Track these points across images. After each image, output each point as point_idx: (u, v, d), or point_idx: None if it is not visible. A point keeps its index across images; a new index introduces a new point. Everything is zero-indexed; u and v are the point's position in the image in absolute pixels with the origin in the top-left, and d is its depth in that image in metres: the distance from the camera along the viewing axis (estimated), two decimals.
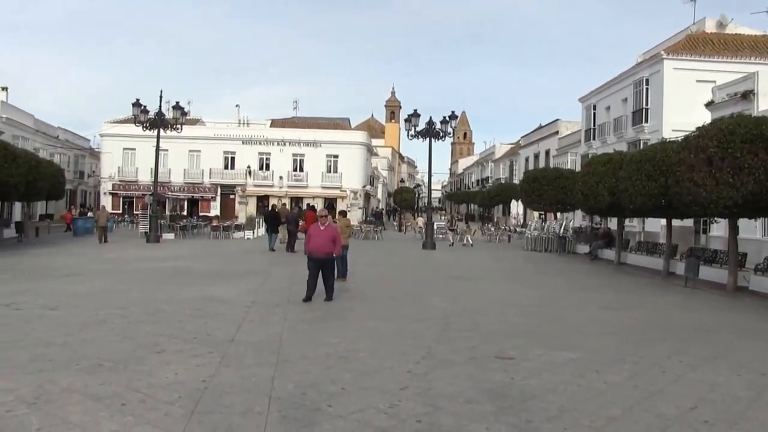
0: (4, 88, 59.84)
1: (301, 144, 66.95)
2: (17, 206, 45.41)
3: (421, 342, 10.59)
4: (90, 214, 46.67)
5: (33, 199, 40.50)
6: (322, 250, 14.68)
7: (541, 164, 59.98)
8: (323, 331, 11.53)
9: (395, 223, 68.32)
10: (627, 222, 32.83)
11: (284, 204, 49.43)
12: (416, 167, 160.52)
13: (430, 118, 36.25)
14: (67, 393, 7.42)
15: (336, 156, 67.27)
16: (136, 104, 36.18)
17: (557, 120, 60.58)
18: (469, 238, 41.81)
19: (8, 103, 55.80)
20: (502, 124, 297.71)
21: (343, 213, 24.05)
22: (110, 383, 7.82)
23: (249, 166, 66.36)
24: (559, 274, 24.38)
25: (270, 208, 39.35)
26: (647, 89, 39.68)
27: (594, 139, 48.27)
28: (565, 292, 18.69)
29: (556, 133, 59.17)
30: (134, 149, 64.54)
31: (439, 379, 8.34)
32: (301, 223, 30.81)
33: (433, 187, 35.49)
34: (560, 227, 36.96)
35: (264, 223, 37.23)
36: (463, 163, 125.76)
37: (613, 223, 33.02)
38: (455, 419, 6.81)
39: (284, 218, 32.26)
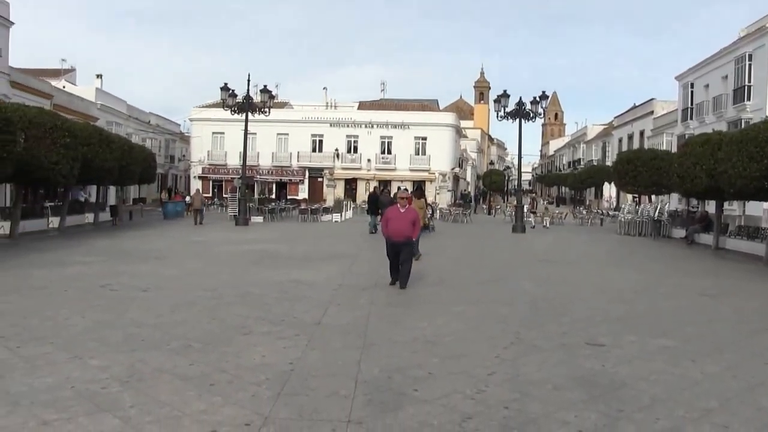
0: (99, 76, 62.03)
1: (389, 126, 66.85)
2: (111, 190, 46.92)
3: (510, 327, 10.36)
4: (187, 198, 47.89)
5: (126, 184, 41.76)
6: (401, 233, 14.09)
7: (635, 145, 58.28)
8: (410, 314, 11.41)
9: (484, 206, 67.67)
10: (726, 205, 31.48)
11: (384, 188, 49.23)
12: (506, 149, 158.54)
13: (520, 98, 35.60)
14: (157, 372, 7.54)
15: (424, 138, 66.91)
16: (225, 88, 36.74)
17: (652, 99, 58.72)
18: (547, 221, 41.00)
19: (103, 90, 57.75)
20: (595, 104, 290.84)
21: (419, 194, 23.69)
22: (199, 364, 7.91)
23: (337, 149, 66.77)
24: (654, 258, 23.59)
25: (372, 191, 39.44)
26: (750, 65, 37.91)
27: (691, 118, 46.59)
28: (660, 277, 18.01)
29: (651, 113, 57.37)
30: (223, 133, 65.74)
31: (528, 365, 8.12)
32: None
33: (523, 170, 34.87)
34: (655, 210, 35.76)
35: (366, 206, 37.35)
36: (554, 144, 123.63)
37: (710, 207, 31.70)
38: (543, 406, 6.61)
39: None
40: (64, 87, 51.42)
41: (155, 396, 6.70)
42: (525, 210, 42.80)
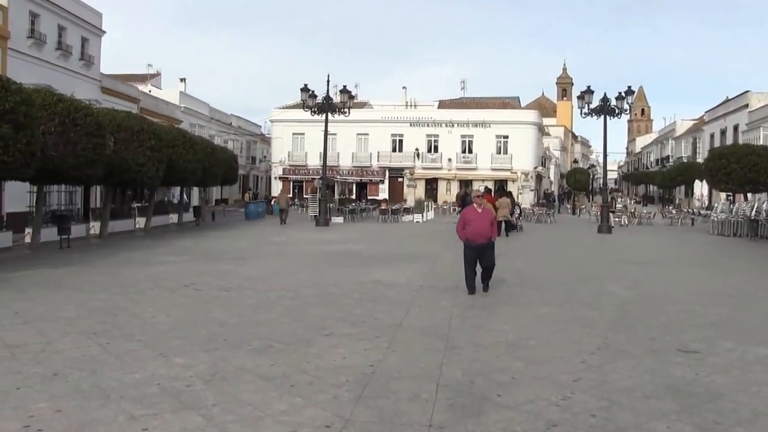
0: (183, 79, 63.69)
1: (470, 125, 66.31)
2: (195, 191, 48.03)
3: (596, 331, 10.03)
4: (274, 199, 48.89)
5: (209, 185, 42.69)
6: (483, 234, 13.47)
7: (729, 141, 56.16)
8: (493, 317, 11.19)
9: (568, 206, 66.46)
10: None
11: (477, 189, 48.89)
12: (590, 147, 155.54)
13: (605, 94, 34.76)
14: (239, 372, 7.58)
15: (506, 137, 66.11)
16: (305, 89, 37.05)
17: (747, 92, 56.36)
18: (625, 219, 39.95)
19: (186, 93, 59.24)
20: (684, 98, 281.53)
21: (502, 193, 23.42)
22: (280, 364, 7.92)
23: (417, 149, 66.65)
24: (751, 260, 22.62)
25: (461, 191, 39.23)
26: None
27: None
28: (758, 279, 17.22)
29: (746, 106, 55.10)
30: (303, 134, 66.37)
31: (616, 372, 7.82)
32: None
33: (608, 168, 34.03)
34: (751, 209, 34.24)
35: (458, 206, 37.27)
36: (641, 141, 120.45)
37: None
38: (633, 415, 6.32)
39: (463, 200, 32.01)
40: (150, 91, 52.94)
41: (237, 395, 6.74)
42: (617, 209, 41.84)
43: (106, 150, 24.60)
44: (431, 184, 66.76)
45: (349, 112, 38.29)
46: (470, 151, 66.38)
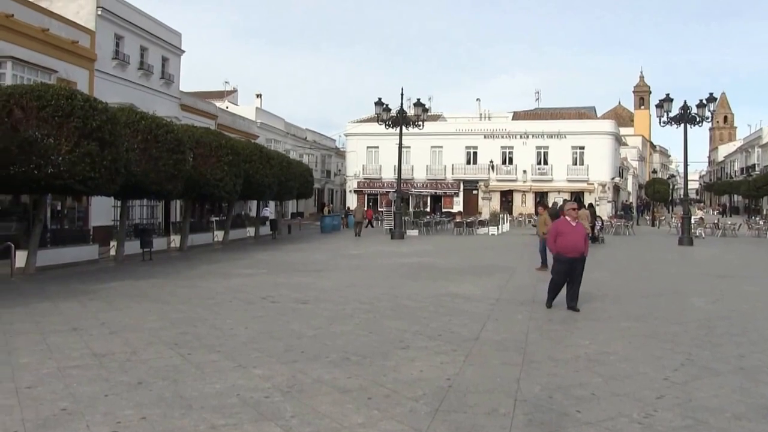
0: (259, 95, 64.91)
1: (545, 136, 65.55)
2: (271, 205, 48.80)
3: (680, 347, 9.75)
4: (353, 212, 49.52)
5: (285, 198, 43.31)
6: (578, 248, 12.97)
7: None
8: (572, 331, 11.02)
9: (647, 217, 64.97)
10: None
11: (565, 200, 48.23)
12: (669, 156, 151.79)
13: (685, 102, 33.88)
14: (317, 384, 7.65)
15: (582, 147, 65.10)
16: (379, 103, 37.27)
17: None
18: (702, 231, 38.81)
19: (262, 109, 60.33)
20: None
21: (545, 206, 23.13)
22: (357, 377, 7.96)
23: (491, 161, 66.26)
24: None
25: (552, 204, 38.86)
26: None
27: None
28: None
29: None
30: (377, 147, 66.77)
31: (701, 390, 7.56)
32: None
33: (689, 178, 33.15)
34: None
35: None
36: (724, 149, 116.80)
37: None
38: None
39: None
40: (227, 107, 54.17)
41: (315, 407, 6.79)
42: (693, 221, 40.68)
43: (186, 165, 25.26)
44: (506, 197, 66.23)
45: (423, 125, 38.34)
46: (545, 163, 65.62)
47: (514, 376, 7.99)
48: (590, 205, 33.69)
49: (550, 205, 35.62)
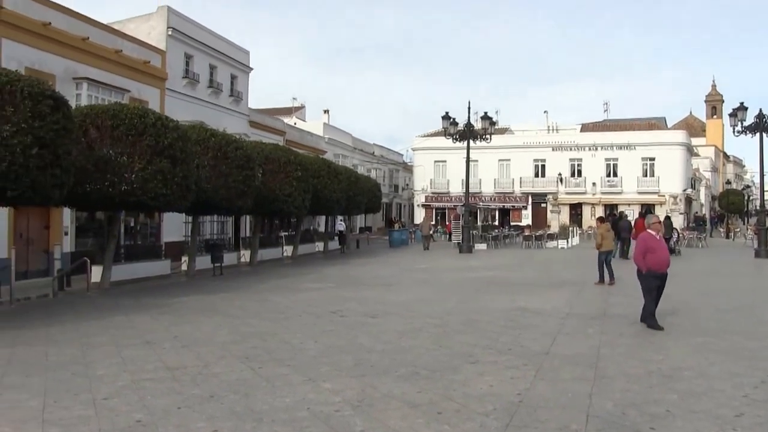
0: (326, 111, 65.65)
1: (614, 148, 64.44)
2: (337, 219, 49.07)
3: (759, 363, 9.40)
4: (439, 227, 49.97)
5: (353, 213, 43.58)
6: (668, 262, 12.64)
7: None
8: (644, 346, 10.76)
9: (721, 229, 63.23)
10: None
11: (624, 214, 47.32)
12: (744, 167, 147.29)
13: (760, 110, 32.91)
14: (386, 398, 7.64)
15: (652, 159, 63.77)
16: (446, 117, 37.25)
17: None
18: (755, 242, 37.63)
19: (330, 124, 60.91)
20: None
21: (602, 218, 22.71)
22: (427, 391, 7.92)
23: (560, 174, 65.46)
24: None
25: (618, 216, 38.25)
26: None
27: None
28: None
29: None
30: (445, 161, 66.70)
31: None
32: (632, 230, 29.77)
33: (766, 188, 32.14)
34: None
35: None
36: None
37: None
38: None
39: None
40: (295, 123, 54.88)
41: (385, 421, 6.79)
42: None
43: (255, 181, 25.65)
44: (575, 209, 65.29)
45: (490, 139, 38.16)
46: (615, 175, 64.47)
47: (586, 392, 7.84)
48: (667, 217, 32.94)
49: (607, 216, 34.90)
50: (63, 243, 24.24)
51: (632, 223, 32.36)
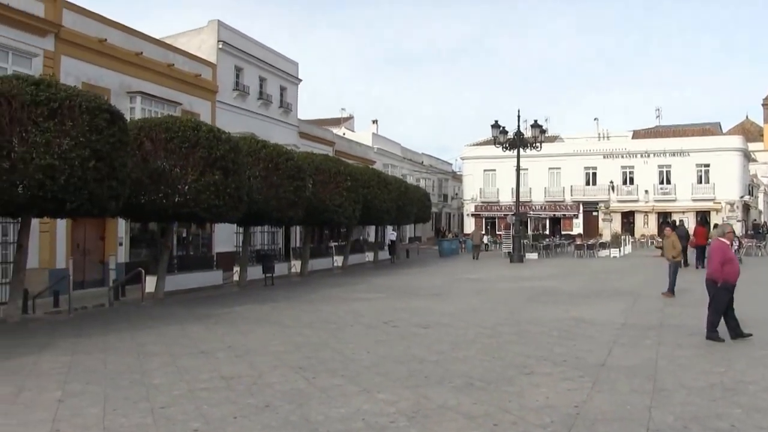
0: (375, 121, 65.81)
1: (667, 154, 63.37)
2: (389, 229, 49.12)
3: None
4: (484, 239, 49.95)
5: (403, 223, 43.58)
6: (739, 272, 12.31)
7: None
8: (704, 357, 10.52)
9: None
10: None
11: (681, 221, 46.54)
12: None
13: None
14: (442, 410, 7.58)
15: (707, 165, 62.50)
16: (495, 126, 37.07)
17: None
18: None
19: (378, 134, 61.04)
20: None
21: (669, 226, 22.24)
22: (482, 402, 7.84)
23: (611, 181, 64.59)
24: None
25: (678, 224, 37.66)
26: None
27: None
28: None
29: None
30: (494, 170, 66.33)
31: None
32: (691, 238, 29.30)
33: None
34: None
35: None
36: None
37: None
38: None
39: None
40: (344, 134, 55.13)
41: None
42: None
43: (306, 192, 25.80)
44: (627, 218, 64.31)
45: (540, 147, 37.86)
46: (668, 182, 63.35)
47: (645, 405, 7.68)
48: (729, 225, 32.17)
49: (663, 225, 34.31)
50: (117, 253, 24.70)
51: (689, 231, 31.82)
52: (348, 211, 29.41)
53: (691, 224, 49.71)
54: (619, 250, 41.99)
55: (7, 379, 9.35)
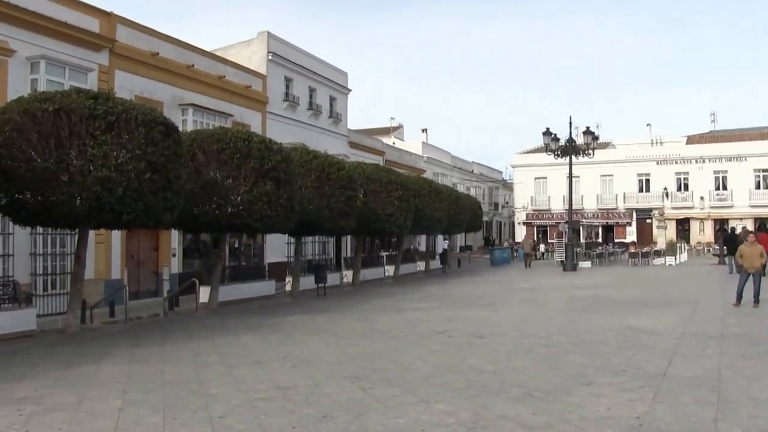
0: (424, 130, 65.72)
1: (723, 159, 61.97)
2: (440, 239, 48.93)
3: None
4: (542, 246, 49.90)
5: (454, 232, 43.45)
6: None
7: None
8: None
9: None
10: None
11: (744, 227, 45.58)
12: None
13: None
14: (501, 420, 7.49)
15: (766, 170, 60.98)
16: (547, 133, 36.75)
17: None
18: None
19: (428, 143, 60.94)
20: None
21: (756, 233, 21.28)
22: (541, 413, 7.73)
23: (665, 188, 63.47)
24: None
25: (729, 230, 36.97)
26: None
27: None
28: None
29: None
30: (545, 178, 65.74)
31: None
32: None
33: None
34: None
35: (723, 246, 35.20)
36: None
37: None
38: None
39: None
40: (393, 143, 55.15)
41: None
42: None
43: (357, 202, 25.84)
44: (682, 225, 63.05)
45: (593, 154, 37.40)
46: (724, 188, 61.98)
47: (710, 417, 7.47)
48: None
49: (719, 231, 33.46)
50: (171, 264, 25.02)
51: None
52: (399, 220, 29.39)
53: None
54: (675, 258, 41.24)
55: (70, 387, 9.51)
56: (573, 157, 36.93)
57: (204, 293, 21.00)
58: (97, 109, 14.44)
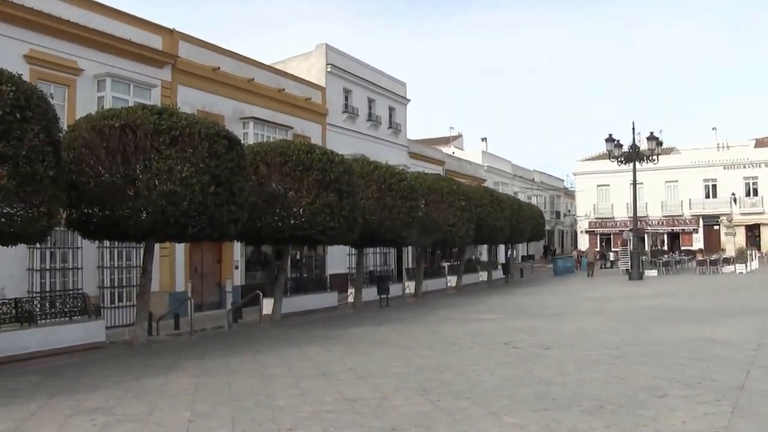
0: (484, 139, 65.39)
1: None
2: (501, 248, 48.49)
3: None
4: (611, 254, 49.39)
5: (516, 242, 43.03)
6: None
7: None
8: None
9: None
10: None
11: None
12: None
13: None
14: None
15: None
16: (609, 139, 36.17)
17: None
18: None
19: (488, 152, 60.56)
20: None
21: None
22: (615, 426, 7.54)
23: (733, 193, 61.78)
24: None
25: None
26: None
27: None
28: None
29: None
30: (608, 185, 64.69)
31: None
32: None
33: None
34: None
35: None
36: None
37: None
38: None
39: None
40: (453, 153, 54.94)
41: None
42: None
43: (419, 212, 25.75)
44: (752, 231, 61.27)
45: (657, 160, 36.65)
46: None
47: None
48: None
49: None
50: (233, 276, 25.28)
51: None
52: (461, 230, 29.21)
53: None
54: (746, 266, 40.09)
55: (140, 398, 9.63)
56: (636, 163, 36.23)
57: (267, 305, 21.12)
58: (161, 124, 14.69)
